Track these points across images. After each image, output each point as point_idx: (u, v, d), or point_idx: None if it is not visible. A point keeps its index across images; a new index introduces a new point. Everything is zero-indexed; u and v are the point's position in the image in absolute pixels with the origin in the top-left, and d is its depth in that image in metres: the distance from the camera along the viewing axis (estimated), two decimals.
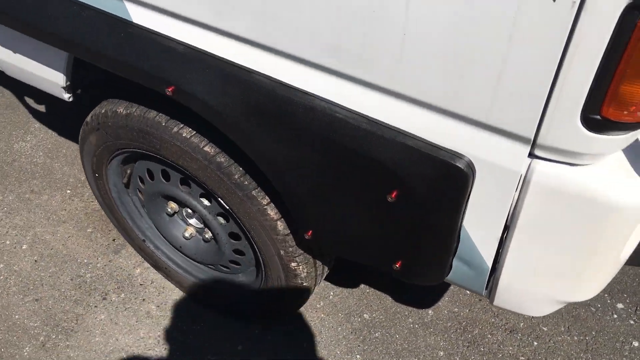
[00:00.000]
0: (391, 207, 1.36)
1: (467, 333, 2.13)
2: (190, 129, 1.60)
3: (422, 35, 1.09)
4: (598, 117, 1.04)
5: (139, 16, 1.44)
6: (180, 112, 1.61)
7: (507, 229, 1.29)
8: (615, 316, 2.15)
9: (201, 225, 1.97)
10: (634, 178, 1.15)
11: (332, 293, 2.25)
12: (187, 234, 1.99)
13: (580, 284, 1.32)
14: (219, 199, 1.71)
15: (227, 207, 1.71)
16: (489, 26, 1.01)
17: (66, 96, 1.91)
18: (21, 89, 1.93)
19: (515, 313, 2.10)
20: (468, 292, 2.22)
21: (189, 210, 1.94)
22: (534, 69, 1.02)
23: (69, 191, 2.58)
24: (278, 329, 2.14)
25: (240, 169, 1.59)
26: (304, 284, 1.82)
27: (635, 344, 2.09)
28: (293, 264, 1.74)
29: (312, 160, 1.38)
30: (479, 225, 1.32)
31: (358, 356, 2.07)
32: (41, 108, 2.90)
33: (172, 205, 1.95)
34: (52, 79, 1.84)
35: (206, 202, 1.84)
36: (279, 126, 1.36)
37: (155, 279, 2.28)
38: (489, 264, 1.39)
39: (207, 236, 1.95)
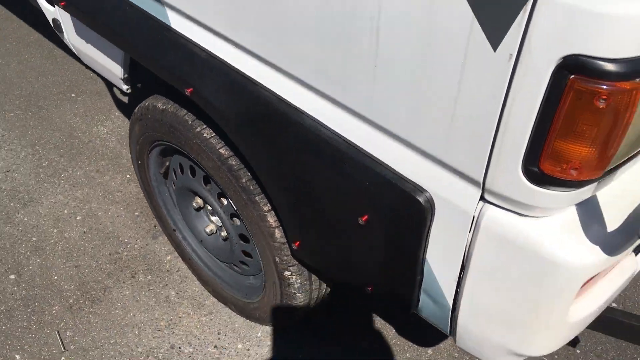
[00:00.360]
0: (362, 230, 1.43)
1: None
2: (211, 131, 1.75)
3: (389, 70, 1.16)
4: (537, 170, 1.06)
5: (176, 22, 1.61)
6: (207, 115, 1.76)
7: (463, 269, 1.32)
8: None
9: (220, 224, 2.11)
10: (581, 237, 1.16)
11: (336, 315, 2.31)
12: (208, 230, 2.14)
13: (530, 338, 1.31)
14: (228, 198, 1.84)
15: (235, 209, 1.84)
16: (442, 70, 1.08)
17: (124, 87, 2.13)
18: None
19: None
20: None
21: (211, 209, 2.09)
22: (479, 115, 1.07)
23: (128, 176, 2.82)
24: (280, 338, 2.23)
25: (248, 174, 1.72)
26: (298, 295, 1.90)
27: None
28: (287, 273, 1.83)
29: (298, 173, 1.48)
30: (440, 262, 1.36)
31: None
32: (124, 99, 3.20)
33: (198, 201, 2.11)
34: (113, 71, 2.07)
35: (225, 202, 1.98)
36: (272, 135, 1.47)
37: (182, 268, 2.45)
38: (450, 302, 1.41)
39: (223, 234, 2.09)
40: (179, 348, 2.20)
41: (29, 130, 3.04)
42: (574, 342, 1.72)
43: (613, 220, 1.20)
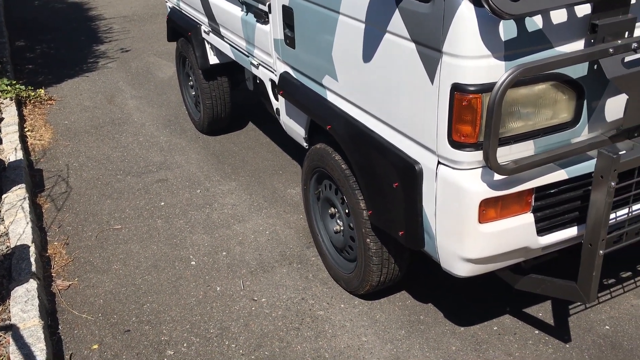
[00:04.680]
0: (395, 192, 2.79)
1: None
2: (339, 156, 3.28)
3: (404, 111, 2.62)
4: (452, 139, 2.40)
5: (329, 96, 3.24)
6: (337, 147, 3.30)
7: (436, 206, 2.61)
8: None
9: (342, 225, 3.53)
10: (479, 180, 2.42)
11: (422, 316, 3.51)
12: (335, 229, 3.58)
13: (464, 242, 2.50)
14: (343, 195, 3.30)
15: (346, 202, 3.29)
16: (420, 100, 2.51)
17: (305, 144, 3.78)
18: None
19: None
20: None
21: (338, 214, 3.54)
22: (431, 117, 2.46)
23: (301, 216, 4.40)
24: (362, 303, 3.49)
25: (354, 178, 3.18)
26: (374, 258, 3.20)
27: None
28: (368, 240, 3.18)
29: (369, 163, 2.92)
30: (426, 205, 2.66)
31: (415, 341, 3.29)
32: None
33: (332, 210, 3.58)
34: (300, 133, 3.75)
35: (343, 204, 3.43)
36: (359, 143, 2.95)
37: (319, 264, 3.86)
38: (434, 232, 2.67)
39: (342, 229, 3.51)
40: (306, 300, 3.57)
41: (250, 187, 4.85)
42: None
43: (497, 176, 2.44)
